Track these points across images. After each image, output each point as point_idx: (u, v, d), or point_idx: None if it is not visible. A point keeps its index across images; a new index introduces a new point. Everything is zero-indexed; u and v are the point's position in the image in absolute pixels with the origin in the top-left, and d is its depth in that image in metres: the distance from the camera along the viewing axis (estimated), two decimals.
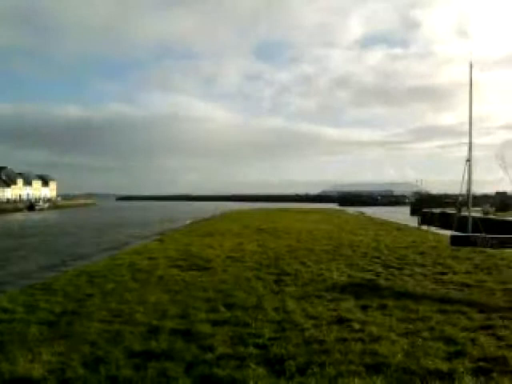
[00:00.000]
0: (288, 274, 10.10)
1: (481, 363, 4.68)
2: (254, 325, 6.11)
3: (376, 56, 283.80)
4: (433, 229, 26.12)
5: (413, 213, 57.94)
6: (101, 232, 32.15)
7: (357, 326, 6.01)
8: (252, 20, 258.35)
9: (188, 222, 36.32)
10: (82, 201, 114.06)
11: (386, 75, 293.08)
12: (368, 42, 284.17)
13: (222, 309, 7.05)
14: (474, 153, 24.75)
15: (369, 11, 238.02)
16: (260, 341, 5.43)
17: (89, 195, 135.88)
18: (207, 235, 20.48)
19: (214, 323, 6.24)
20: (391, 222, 31.20)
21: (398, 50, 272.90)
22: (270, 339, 5.48)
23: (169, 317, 6.62)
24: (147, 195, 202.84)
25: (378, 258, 12.72)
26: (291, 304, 7.30)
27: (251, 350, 5.12)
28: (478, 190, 40.64)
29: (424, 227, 26.69)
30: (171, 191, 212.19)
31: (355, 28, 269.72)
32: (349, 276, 9.93)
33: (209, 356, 4.94)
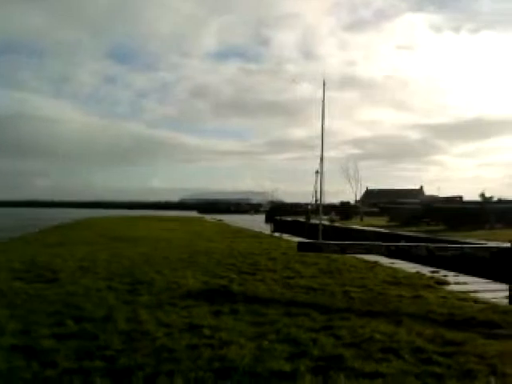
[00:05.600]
0: (142, 283, 9.88)
1: (320, 362, 5.03)
2: (102, 337, 5.88)
3: (231, 69, 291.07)
4: (285, 236, 27.47)
5: (267, 220, 60.82)
6: None
7: (208, 332, 6.10)
8: (106, 23, 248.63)
9: (36, 230, 33.70)
10: None
11: (242, 88, 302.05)
12: (224, 54, 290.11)
13: (69, 322, 6.64)
14: (323, 165, 26.73)
15: (223, 24, 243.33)
16: (108, 353, 5.24)
17: None
18: (57, 244, 19.22)
19: (60, 338, 5.88)
20: (247, 230, 32.20)
21: (252, 65, 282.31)
22: (118, 351, 5.32)
23: (8, 333, 6.08)
24: None
25: (232, 264, 13.02)
26: (144, 313, 7.15)
27: (97, 363, 4.92)
28: (326, 199, 44.01)
29: (277, 234, 27.97)
30: (18, 197, 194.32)
31: (210, 39, 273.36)
32: (203, 283, 10.04)
33: (50, 372, 4.66)
